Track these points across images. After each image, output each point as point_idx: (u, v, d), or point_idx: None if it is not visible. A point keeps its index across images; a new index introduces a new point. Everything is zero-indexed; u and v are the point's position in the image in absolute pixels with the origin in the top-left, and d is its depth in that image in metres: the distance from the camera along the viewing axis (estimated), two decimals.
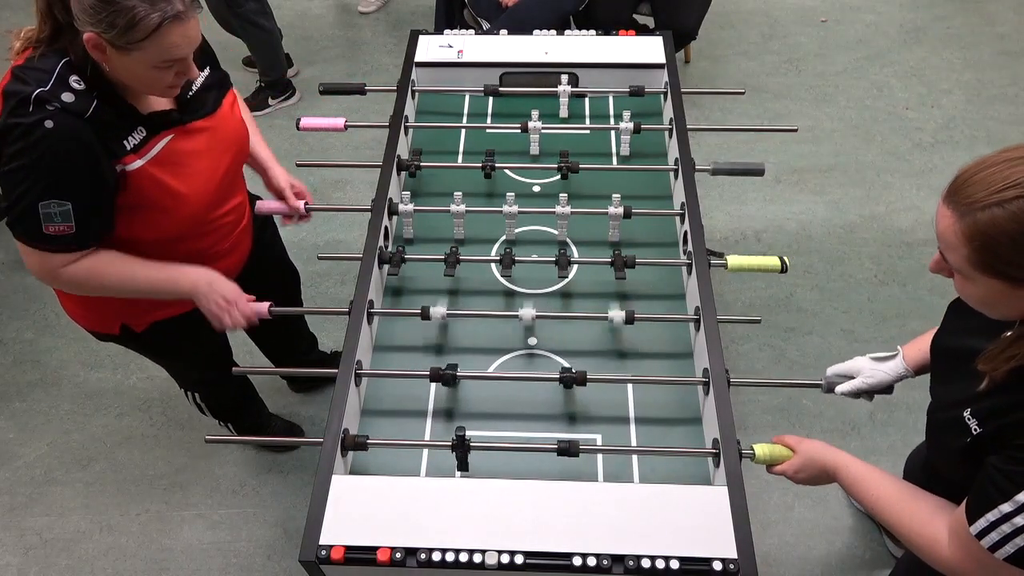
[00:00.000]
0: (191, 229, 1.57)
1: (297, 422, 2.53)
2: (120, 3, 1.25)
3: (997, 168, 0.97)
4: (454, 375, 1.51)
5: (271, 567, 2.22)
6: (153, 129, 1.44)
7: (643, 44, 2.21)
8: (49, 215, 1.36)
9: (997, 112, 3.54)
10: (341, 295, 2.85)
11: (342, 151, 3.43)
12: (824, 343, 2.66)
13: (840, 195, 3.18)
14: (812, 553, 2.19)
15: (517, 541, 1.25)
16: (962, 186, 1.00)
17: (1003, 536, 1.01)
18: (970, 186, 0.98)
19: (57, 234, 1.38)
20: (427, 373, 1.50)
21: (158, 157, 1.45)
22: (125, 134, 1.40)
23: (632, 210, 1.79)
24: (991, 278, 1.00)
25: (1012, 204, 0.94)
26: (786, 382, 1.85)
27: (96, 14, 1.25)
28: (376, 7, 4.29)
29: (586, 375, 1.48)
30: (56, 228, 1.37)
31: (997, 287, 1.00)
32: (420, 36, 2.24)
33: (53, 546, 2.28)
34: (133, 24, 1.26)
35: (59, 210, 1.36)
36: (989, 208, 0.95)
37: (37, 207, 1.35)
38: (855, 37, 3.98)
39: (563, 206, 1.78)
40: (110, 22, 1.26)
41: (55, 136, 1.30)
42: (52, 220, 1.36)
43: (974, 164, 1.00)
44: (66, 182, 1.35)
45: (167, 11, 1.28)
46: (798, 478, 1.37)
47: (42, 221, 1.36)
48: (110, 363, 2.68)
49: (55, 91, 1.31)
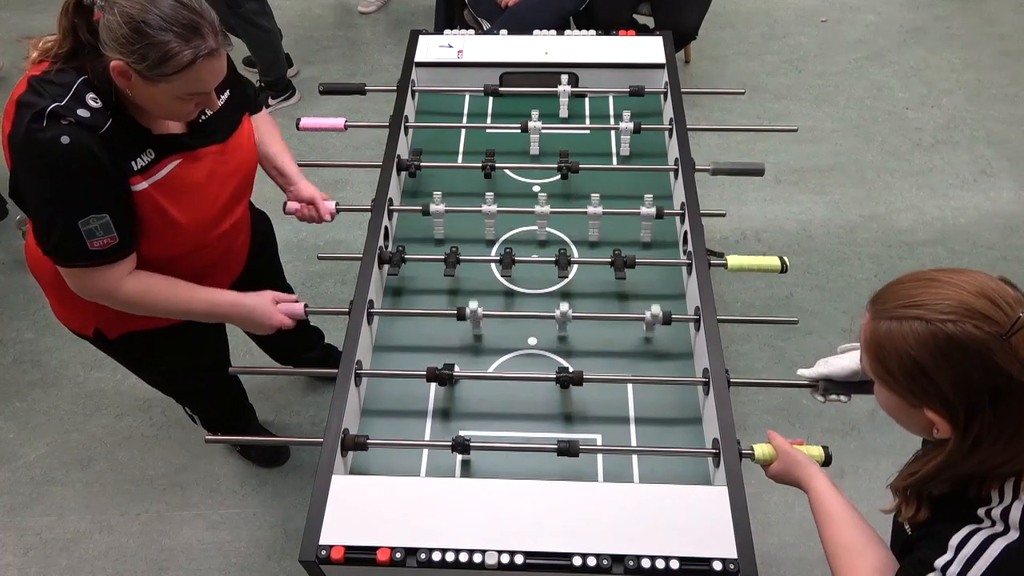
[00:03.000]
0: (183, 251, 1.57)
1: (297, 422, 2.53)
2: (155, 37, 1.24)
3: (911, 284, 0.98)
4: (450, 375, 1.51)
5: (271, 567, 2.22)
6: (162, 152, 1.43)
7: (643, 44, 2.21)
8: (91, 231, 1.35)
9: (997, 112, 3.54)
10: (341, 295, 2.85)
11: (342, 151, 3.43)
12: (824, 343, 2.66)
13: (840, 195, 3.18)
14: (812, 553, 2.19)
15: (517, 541, 1.25)
16: (883, 293, 1.01)
17: None
18: (888, 295, 1.00)
19: (104, 248, 1.38)
20: (424, 373, 1.50)
21: (162, 181, 1.44)
22: (135, 155, 1.39)
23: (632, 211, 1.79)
24: (887, 390, 1.01)
25: (907, 323, 0.94)
26: (786, 382, 1.85)
27: (129, 45, 1.25)
28: (376, 7, 4.29)
29: (583, 375, 1.48)
30: (101, 242, 1.37)
31: (895, 401, 1.01)
32: (420, 36, 2.24)
33: (53, 546, 2.28)
34: (166, 59, 1.26)
35: (99, 223, 1.35)
36: (889, 320, 0.96)
37: (77, 226, 1.34)
38: (855, 37, 3.98)
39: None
40: (142, 54, 1.25)
41: (74, 152, 1.30)
42: (95, 235, 1.36)
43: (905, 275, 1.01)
44: (97, 194, 1.34)
45: (200, 49, 1.28)
46: (777, 480, 1.37)
47: (86, 239, 1.35)
48: (110, 363, 2.64)
49: (71, 106, 1.30)
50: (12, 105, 1.33)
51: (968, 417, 0.94)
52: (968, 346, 0.90)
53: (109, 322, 1.66)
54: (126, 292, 1.46)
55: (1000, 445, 0.93)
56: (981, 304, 0.91)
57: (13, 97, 1.34)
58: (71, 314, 1.69)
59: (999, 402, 0.91)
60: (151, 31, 1.24)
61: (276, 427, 2.52)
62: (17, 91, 1.34)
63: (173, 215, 1.47)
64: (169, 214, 1.46)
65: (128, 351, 1.78)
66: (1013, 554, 0.92)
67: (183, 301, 1.54)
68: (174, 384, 2.02)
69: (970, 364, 0.91)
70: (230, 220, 1.65)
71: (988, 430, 0.93)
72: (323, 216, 1.84)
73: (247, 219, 1.80)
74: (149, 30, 1.24)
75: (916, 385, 0.96)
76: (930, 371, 0.93)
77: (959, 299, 0.92)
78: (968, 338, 0.90)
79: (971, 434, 0.94)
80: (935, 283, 0.95)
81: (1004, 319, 0.89)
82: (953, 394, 0.93)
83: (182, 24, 1.26)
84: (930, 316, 0.92)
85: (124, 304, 1.49)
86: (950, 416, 0.95)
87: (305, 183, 1.85)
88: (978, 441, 0.94)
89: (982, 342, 0.90)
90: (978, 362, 0.90)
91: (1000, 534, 0.93)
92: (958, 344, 0.90)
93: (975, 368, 0.90)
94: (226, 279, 1.77)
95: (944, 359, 0.91)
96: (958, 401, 0.93)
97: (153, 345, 1.73)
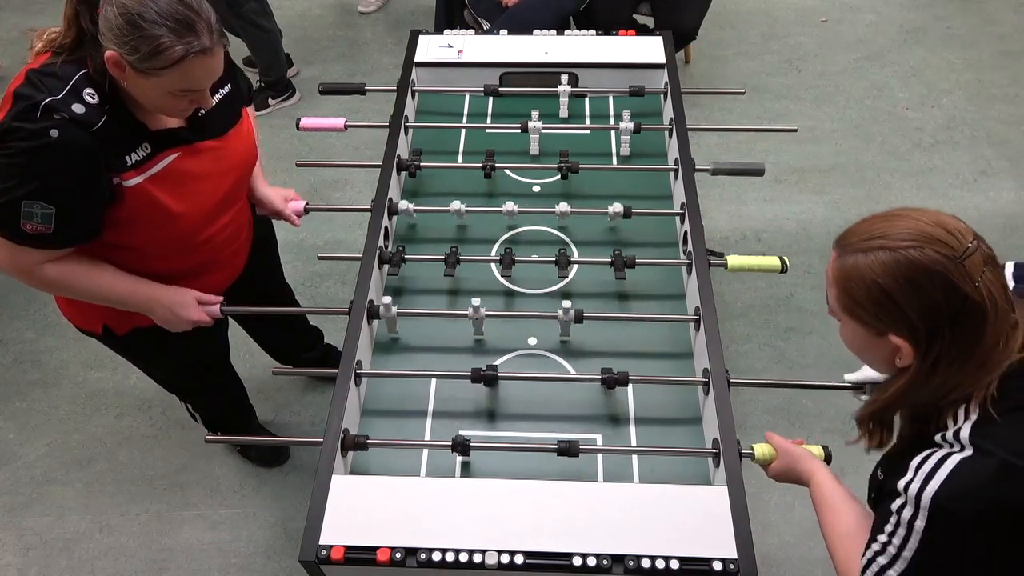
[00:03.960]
0: (182, 245, 1.57)
1: (297, 422, 2.53)
2: (147, 31, 1.25)
3: (875, 220, 1.07)
4: (495, 375, 1.50)
5: (271, 567, 2.22)
6: (159, 146, 1.44)
7: (643, 44, 2.21)
8: (30, 214, 1.35)
9: (997, 112, 3.54)
10: (341, 295, 2.85)
11: (342, 151, 3.43)
12: (824, 343, 2.66)
13: (840, 195, 3.18)
14: (812, 553, 2.19)
15: (517, 541, 1.25)
16: (847, 232, 1.10)
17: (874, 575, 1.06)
18: (851, 233, 1.09)
19: (34, 232, 1.37)
20: (431, 373, 1.51)
21: (159, 175, 1.44)
22: (128, 150, 1.39)
23: (632, 210, 1.79)
24: (853, 321, 1.08)
25: (872, 254, 1.02)
26: (786, 382, 1.85)
27: (122, 35, 1.25)
28: (376, 7, 4.29)
29: (628, 376, 1.49)
30: (34, 227, 1.36)
31: (860, 332, 1.09)
32: (420, 36, 2.24)
33: (53, 546, 2.28)
34: (157, 52, 1.26)
35: (42, 212, 1.35)
36: (855, 253, 1.05)
37: (20, 204, 1.34)
38: (855, 37, 3.98)
39: (560, 207, 1.78)
40: (134, 46, 1.26)
41: (58, 146, 1.30)
42: (32, 219, 1.35)
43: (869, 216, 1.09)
44: (57, 189, 1.34)
45: (193, 45, 1.28)
46: (778, 479, 1.38)
47: (21, 218, 1.35)
48: (110, 363, 2.68)
49: (66, 101, 1.30)
50: (9, 96, 1.34)
51: (929, 340, 1.02)
52: (929, 268, 0.99)
53: (118, 318, 1.67)
54: (45, 273, 1.45)
55: (956, 367, 1.02)
56: (938, 232, 1.00)
57: (10, 89, 1.34)
58: (79, 311, 1.69)
59: (956, 323, 1.00)
60: (145, 24, 1.24)
61: (276, 427, 2.52)
62: (15, 83, 1.34)
63: (170, 206, 1.47)
64: (166, 206, 1.46)
65: (136, 347, 1.79)
66: (966, 464, 0.99)
67: (103, 287, 1.52)
68: (180, 381, 2.03)
69: (932, 286, 0.99)
70: (229, 214, 1.65)
71: (946, 351, 1.02)
72: (290, 221, 1.84)
73: (247, 217, 1.80)
74: (143, 23, 1.24)
75: (883, 311, 1.03)
76: (896, 296, 1.01)
77: (918, 228, 1.01)
78: (929, 261, 0.99)
79: (931, 356, 1.03)
80: (894, 217, 1.05)
81: (958, 244, 0.99)
82: (917, 317, 1.01)
83: (176, 19, 1.26)
84: (893, 245, 1.01)
85: (41, 285, 1.49)
86: (913, 340, 1.03)
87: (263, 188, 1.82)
88: (936, 363, 1.03)
89: (941, 263, 0.98)
90: (939, 283, 0.99)
91: (955, 452, 1.01)
92: (920, 267, 0.99)
93: (936, 289, 0.99)
94: (227, 277, 1.78)
95: (908, 283, 1.00)
96: (921, 324, 1.01)
97: (161, 340, 1.73)
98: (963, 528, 0.98)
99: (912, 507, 1.01)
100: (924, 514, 0.99)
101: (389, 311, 1.59)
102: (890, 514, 1.04)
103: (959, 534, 0.98)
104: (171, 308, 1.59)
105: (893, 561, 1.04)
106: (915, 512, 1.00)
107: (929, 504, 0.98)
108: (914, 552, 1.01)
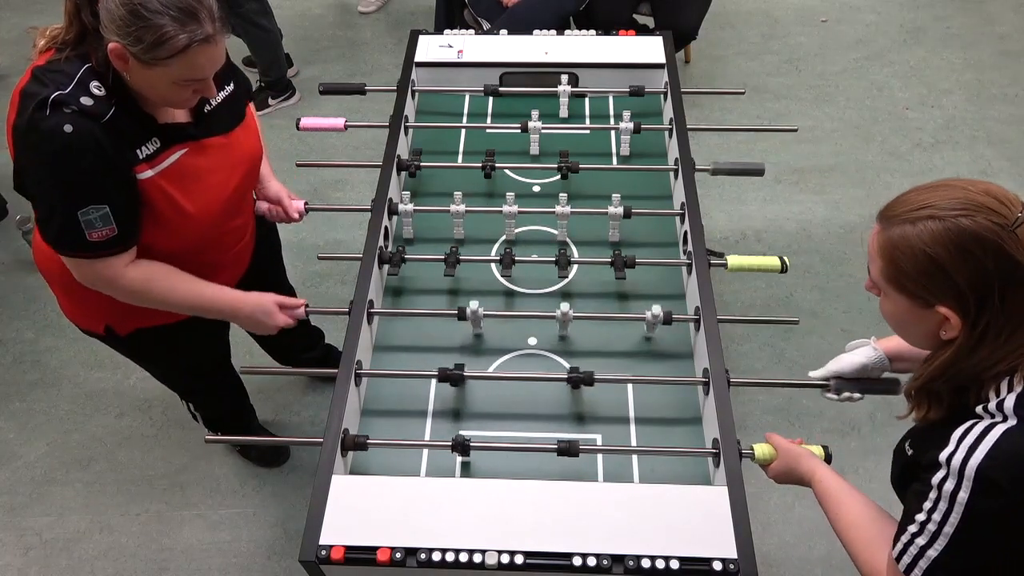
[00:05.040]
0: (192, 243, 1.57)
1: (297, 422, 2.53)
2: (150, 20, 1.25)
3: (921, 191, 1.04)
4: (461, 375, 1.51)
5: (271, 567, 2.22)
6: (167, 141, 1.44)
7: (643, 44, 2.21)
8: (90, 222, 1.35)
9: (997, 112, 3.54)
10: (341, 295, 2.85)
11: (342, 151, 3.43)
12: (824, 343, 2.66)
13: (840, 195, 3.18)
14: (812, 553, 2.19)
15: (517, 541, 1.25)
16: (891, 204, 1.07)
17: (912, 558, 1.04)
18: (896, 204, 1.06)
19: (103, 239, 1.38)
20: (425, 373, 1.50)
21: (169, 170, 1.44)
22: (139, 143, 1.40)
23: (632, 210, 1.79)
24: (899, 293, 1.06)
25: (920, 224, 1.00)
26: (786, 382, 1.85)
27: (125, 27, 1.25)
28: (376, 7, 4.29)
29: (593, 375, 1.49)
30: (100, 234, 1.37)
31: (904, 304, 1.06)
32: (420, 36, 2.24)
33: (53, 546, 2.28)
34: (160, 42, 1.26)
35: (98, 214, 1.35)
36: (902, 224, 1.02)
37: (76, 216, 1.34)
38: (855, 37, 3.98)
39: (563, 206, 1.78)
40: (137, 36, 1.26)
41: (77, 141, 1.30)
42: (94, 226, 1.36)
43: (911, 188, 1.07)
44: (96, 185, 1.34)
45: (196, 34, 1.28)
46: (778, 480, 1.38)
47: (84, 229, 1.35)
48: (110, 363, 2.68)
49: (75, 94, 1.31)
50: (17, 96, 1.34)
51: (979, 310, 1.00)
52: (982, 236, 0.97)
53: (120, 318, 1.67)
54: (130, 280, 1.46)
55: (1003, 339, 1.01)
56: (988, 200, 0.99)
57: (17, 88, 1.35)
58: (81, 311, 1.69)
59: (1006, 293, 0.98)
60: (147, 13, 1.24)
61: (276, 427, 2.52)
62: (21, 82, 1.35)
63: (182, 204, 1.47)
64: (178, 203, 1.47)
65: (139, 347, 1.79)
66: (1011, 435, 0.98)
67: (187, 293, 1.55)
68: (183, 380, 2.03)
69: (983, 254, 0.97)
70: (238, 213, 1.66)
71: (995, 321, 1.00)
72: (290, 215, 1.84)
73: (252, 218, 1.81)
74: (145, 12, 1.24)
75: (932, 281, 1.01)
76: (946, 265, 0.99)
77: (968, 197, 0.99)
78: (982, 228, 0.97)
79: (979, 327, 1.01)
80: (942, 187, 1.02)
81: (1009, 213, 0.98)
82: (967, 286, 0.99)
83: (179, 8, 1.26)
84: (942, 214, 0.99)
85: (127, 293, 1.50)
86: (962, 310, 1.01)
87: (274, 183, 1.85)
88: (984, 334, 1.01)
89: (994, 231, 0.97)
90: (991, 251, 0.97)
91: (999, 422, 1.00)
92: (972, 235, 0.97)
93: (988, 258, 0.97)
94: (232, 278, 1.78)
95: (959, 252, 0.98)
96: (971, 293, 0.99)
97: (163, 341, 1.73)
98: (1007, 498, 0.96)
99: (955, 479, 0.99)
100: (968, 484, 0.97)
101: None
102: (929, 488, 1.02)
103: (1003, 504, 0.97)
104: (254, 315, 1.62)
105: (933, 540, 1.01)
106: (958, 483, 0.98)
107: (974, 474, 0.97)
108: (956, 527, 0.99)
